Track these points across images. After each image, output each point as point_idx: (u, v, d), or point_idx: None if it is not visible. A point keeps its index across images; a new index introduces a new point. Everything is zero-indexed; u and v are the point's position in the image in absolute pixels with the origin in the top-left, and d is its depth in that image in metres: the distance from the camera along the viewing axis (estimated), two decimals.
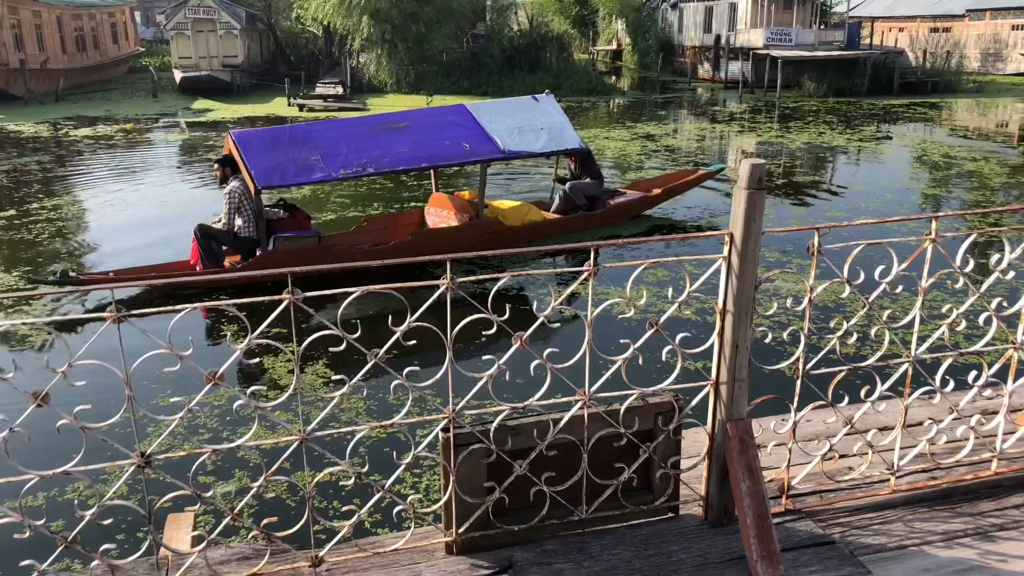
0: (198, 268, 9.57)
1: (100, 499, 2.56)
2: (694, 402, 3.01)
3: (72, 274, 9.09)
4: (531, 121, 10.84)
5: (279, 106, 29.61)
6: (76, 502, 4.68)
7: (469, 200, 10.90)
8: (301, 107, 28.52)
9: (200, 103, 31.08)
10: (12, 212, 13.75)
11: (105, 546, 2.64)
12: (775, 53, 33.82)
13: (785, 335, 3.15)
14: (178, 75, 34.21)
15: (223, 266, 9.51)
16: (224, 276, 9.07)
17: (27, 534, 2.48)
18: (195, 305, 2.59)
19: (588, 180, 11.86)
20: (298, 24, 40.81)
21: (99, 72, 39.78)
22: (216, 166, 9.95)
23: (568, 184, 11.92)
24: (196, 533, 3.67)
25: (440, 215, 11.18)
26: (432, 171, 11.22)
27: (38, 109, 29.33)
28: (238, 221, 9.58)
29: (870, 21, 41.27)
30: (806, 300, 2.94)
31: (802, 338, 2.96)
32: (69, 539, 2.52)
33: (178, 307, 2.48)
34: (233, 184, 9.53)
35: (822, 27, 37.62)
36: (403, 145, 9.95)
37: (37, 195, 15.26)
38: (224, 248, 9.64)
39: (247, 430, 2.63)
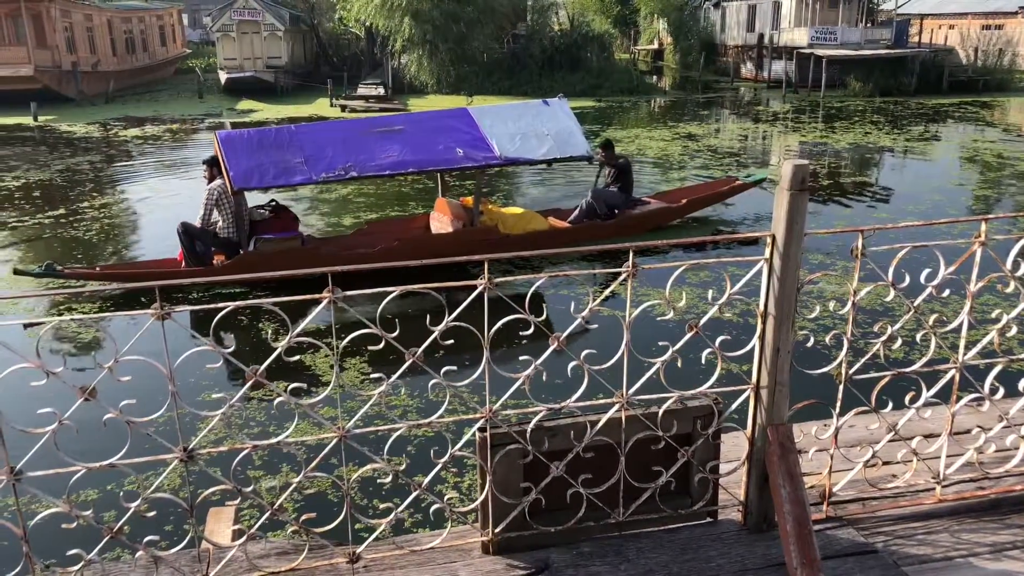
0: (183, 266, 9.65)
1: (145, 492, 2.61)
2: (734, 406, 2.97)
3: (58, 268, 9.22)
4: (537, 126, 10.47)
5: (322, 107, 29.96)
6: (122, 494, 4.78)
7: (470, 206, 10.67)
8: (343, 108, 28.82)
9: (244, 103, 31.58)
10: (63, 210, 14.11)
11: (149, 537, 2.69)
12: (820, 52, 33.30)
13: (828, 339, 3.10)
14: (223, 76, 34.80)
15: (209, 264, 9.56)
16: (226, 277, 9.12)
17: (75, 524, 2.54)
18: (238, 303, 2.62)
19: (613, 189, 11.51)
20: (341, 25, 41.26)
21: (147, 74, 40.64)
22: (205, 167, 9.98)
23: (592, 192, 11.61)
24: (237, 527, 3.73)
25: (441, 220, 10.97)
26: (439, 175, 11.05)
27: (89, 110, 30.05)
28: (218, 222, 9.61)
29: (919, 19, 40.40)
30: (849, 303, 2.89)
31: (845, 342, 2.91)
32: (115, 530, 2.58)
33: (221, 305, 2.52)
34: (215, 183, 9.57)
35: (869, 25, 36.92)
36: (392, 150, 9.72)
37: (90, 194, 15.65)
38: (213, 248, 9.70)
39: (302, 424, 2.66)
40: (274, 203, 10.28)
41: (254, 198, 10.29)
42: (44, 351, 2.36)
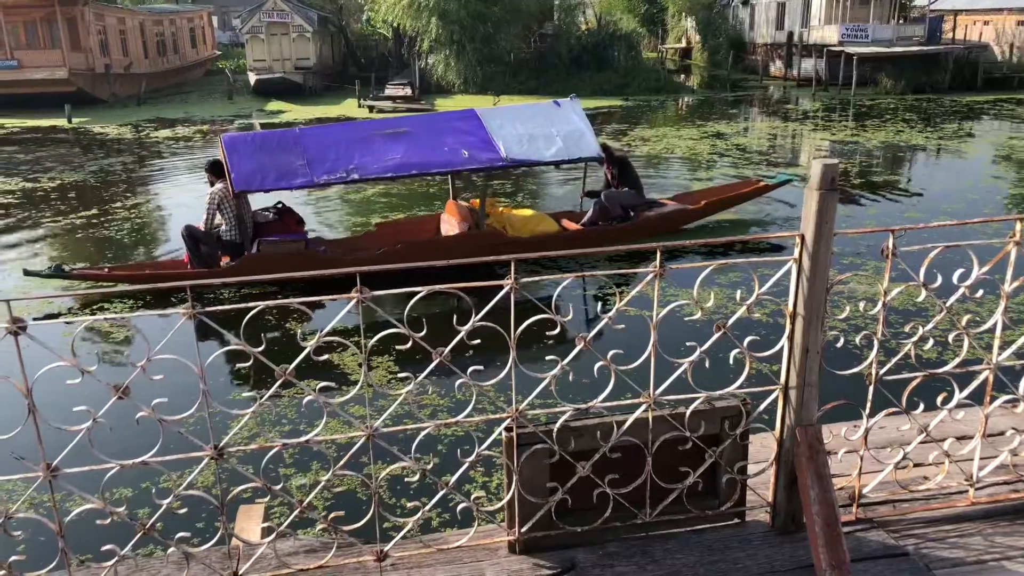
0: (189, 268, 9.72)
1: (177, 489, 2.65)
2: (762, 406, 2.95)
3: (65, 269, 9.30)
4: (546, 128, 10.25)
5: (350, 107, 30.15)
6: (154, 491, 4.86)
7: (477, 206, 10.51)
8: (371, 108, 28.97)
9: (273, 104, 31.87)
10: (95, 210, 14.34)
11: (181, 534, 2.73)
12: (850, 50, 32.90)
13: (858, 339, 3.07)
14: (253, 77, 35.15)
15: (215, 266, 9.59)
16: (234, 279, 9.14)
17: (108, 520, 2.59)
18: (268, 303, 2.65)
19: (626, 189, 11.17)
20: (368, 26, 41.48)
21: (178, 75, 41.16)
22: (206, 173, 10.06)
23: (603, 193, 11.26)
24: (266, 524, 3.78)
25: (450, 222, 10.84)
26: (450, 177, 10.93)
27: (121, 112, 30.51)
28: (221, 224, 9.66)
29: (952, 15, 39.75)
30: (880, 303, 2.86)
31: (875, 342, 2.88)
32: (147, 526, 2.62)
33: (251, 304, 2.55)
34: (216, 187, 9.62)
35: (901, 22, 36.40)
36: (395, 152, 9.62)
37: (123, 194, 15.89)
38: (219, 251, 9.75)
39: (330, 423, 2.69)
40: (280, 205, 10.26)
41: (263, 199, 10.29)
42: (78, 350, 2.40)
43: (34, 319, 3.48)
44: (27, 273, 9.46)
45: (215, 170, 9.75)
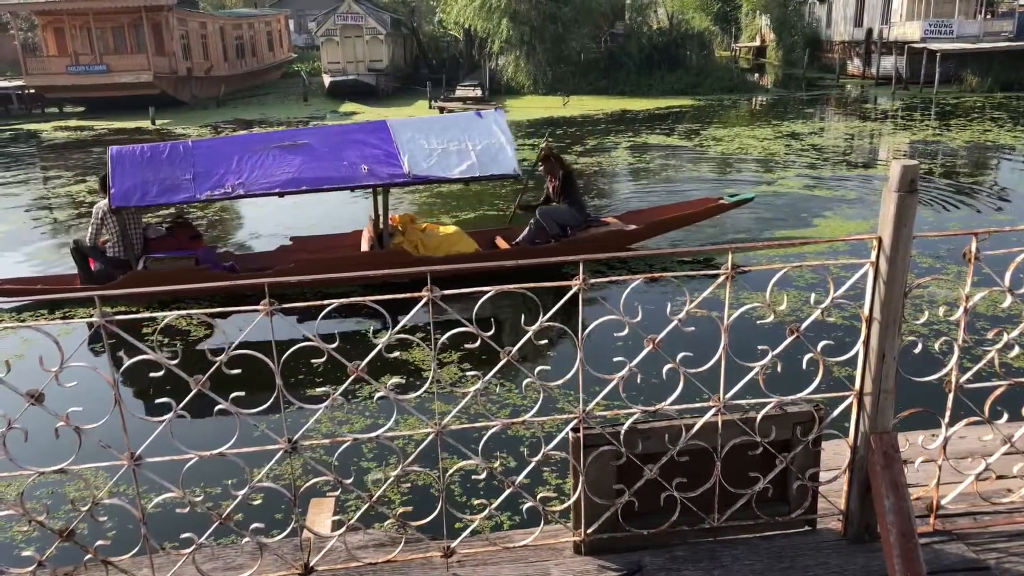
0: (78, 283, 9.60)
1: (252, 481, 2.74)
2: (836, 412, 2.89)
3: None
4: (462, 141, 9.74)
5: (420, 109, 30.51)
6: (230, 483, 5.01)
7: (396, 224, 10.17)
8: (441, 110, 29.24)
9: (347, 106, 32.47)
10: (173, 209, 14.81)
11: (255, 524, 2.81)
12: (934, 46, 31.78)
13: (937, 345, 2.97)
14: (327, 79, 35.88)
15: (107, 281, 9.40)
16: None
17: (187, 509, 2.69)
18: (341, 300, 2.72)
19: (563, 206, 10.28)
20: (440, 28, 41.92)
21: (256, 78, 42.31)
22: (99, 186, 9.96)
23: (539, 210, 10.38)
24: (336, 518, 3.86)
25: (367, 239, 10.49)
26: (372, 192, 10.46)
27: (201, 113, 31.52)
28: (108, 240, 9.59)
29: None
30: (961, 309, 2.77)
31: (956, 349, 2.78)
32: (224, 516, 2.71)
33: (325, 302, 2.62)
34: (102, 202, 9.52)
35: (988, 17, 35.00)
36: (289, 166, 9.31)
37: None
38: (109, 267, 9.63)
39: (399, 419, 2.74)
40: (180, 219, 10.12)
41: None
42: (158, 344, 2.50)
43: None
44: None
45: (105, 184, 9.52)
